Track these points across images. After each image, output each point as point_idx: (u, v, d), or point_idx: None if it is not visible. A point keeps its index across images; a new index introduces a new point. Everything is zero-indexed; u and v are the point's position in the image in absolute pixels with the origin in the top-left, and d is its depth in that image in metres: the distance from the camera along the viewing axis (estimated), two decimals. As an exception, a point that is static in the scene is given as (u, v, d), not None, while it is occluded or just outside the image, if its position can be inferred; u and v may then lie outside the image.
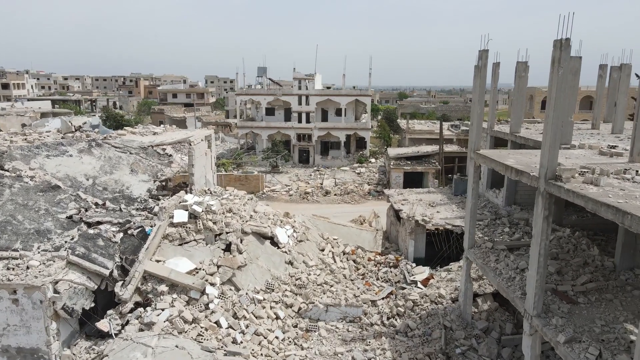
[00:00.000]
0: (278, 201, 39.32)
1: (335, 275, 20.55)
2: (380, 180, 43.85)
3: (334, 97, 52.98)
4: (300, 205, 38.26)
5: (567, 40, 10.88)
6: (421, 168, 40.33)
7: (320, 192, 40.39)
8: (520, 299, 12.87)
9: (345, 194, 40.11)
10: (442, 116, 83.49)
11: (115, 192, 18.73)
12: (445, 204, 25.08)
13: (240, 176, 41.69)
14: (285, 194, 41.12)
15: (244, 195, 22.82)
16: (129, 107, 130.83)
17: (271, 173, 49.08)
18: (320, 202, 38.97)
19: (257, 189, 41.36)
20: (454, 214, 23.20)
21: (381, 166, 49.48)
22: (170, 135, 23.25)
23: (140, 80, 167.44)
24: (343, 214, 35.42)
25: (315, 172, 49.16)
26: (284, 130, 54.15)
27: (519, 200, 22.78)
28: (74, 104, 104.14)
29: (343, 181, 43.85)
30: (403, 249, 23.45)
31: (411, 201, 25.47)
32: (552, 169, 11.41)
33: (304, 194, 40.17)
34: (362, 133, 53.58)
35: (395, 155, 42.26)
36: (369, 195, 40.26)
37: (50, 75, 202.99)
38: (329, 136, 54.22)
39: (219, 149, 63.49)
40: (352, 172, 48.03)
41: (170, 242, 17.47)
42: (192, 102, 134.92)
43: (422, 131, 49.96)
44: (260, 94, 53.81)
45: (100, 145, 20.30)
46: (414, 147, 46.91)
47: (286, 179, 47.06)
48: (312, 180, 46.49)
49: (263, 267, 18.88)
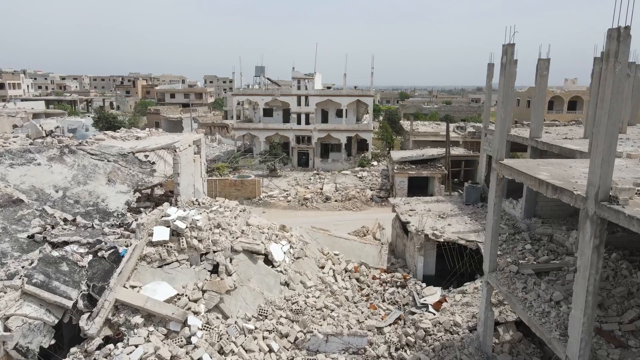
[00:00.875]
0: (275, 208, 37.19)
1: (337, 297, 18.40)
2: (383, 185, 41.69)
3: (334, 98, 50.85)
4: (298, 212, 36.13)
5: (626, 29, 8.73)
6: (427, 172, 38.18)
7: (320, 198, 38.24)
8: (560, 341, 10.72)
9: (347, 200, 37.96)
10: (446, 117, 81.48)
11: (88, 205, 16.59)
12: (456, 214, 22.92)
13: (236, 181, 39.55)
14: (283, 199, 38.98)
15: (235, 207, 20.68)
16: (126, 107, 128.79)
17: (269, 177, 46.95)
18: (320, 208, 36.82)
19: (253, 195, 39.25)
20: (467, 227, 21.04)
21: (384, 170, 47.33)
22: (155, 140, 21.11)
23: (137, 80, 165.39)
24: (344, 222, 33.29)
25: (315, 176, 47.01)
26: (283, 132, 52.01)
27: (540, 212, 20.63)
28: (68, 105, 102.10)
29: (344, 186, 41.69)
30: (411, 265, 21.30)
31: (419, 212, 23.33)
32: (606, 188, 9.25)
33: (303, 200, 38.02)
34: (364, 135, 51.44)
35: (399, 159, 40.11)
36: (371, 202, 38.11)
37: (48, 75, 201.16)
38: (329, 138, 52.09)
39: (215, 151, 61.41)
40: (354, 176, 45.88)
41: (149, 263, 15.32)
42: (190, 102, 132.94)
43: (427, 133, 47.82)
44: (257, 94, 51.67)
45: (74, 152, 18.15)
46: (419, 150, 44.77)
47: (284, 183, 44.91)
48: (311, 184, 44.35)
49: (255, 290, 16.74)
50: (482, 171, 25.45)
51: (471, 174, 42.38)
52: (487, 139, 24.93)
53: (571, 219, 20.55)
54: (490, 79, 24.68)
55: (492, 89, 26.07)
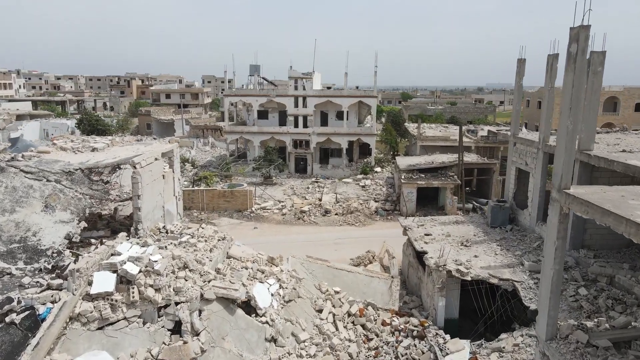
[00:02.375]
0: (269, 222, 33.23)
1: (338, 355, 14.44)
2: (389, 195, 37.72)
3: (334, 99, 46.89)
4: (294, 227, 32.15)
5: None
6: (438, 183, 34.20)
7: (319, 211, 34.26)
8: None
9: (348, 213, 33.98)
10: (451, 118, 77.57)
11: (13, 241, 12.66)
12: (482, 241, 18.95)
13: (225, 192, 35.59)
14: (278, 212, 35.01)
15: (213, 235, 16.73)
16: (120, 108, 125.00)
17: (263, 185, 43.01)
18: (319, 223, 32.85)
19: (245, 207, 35.29)
20: (497, 259, 17.08)
21: (389, 177, 43.37)
22: (114, 153, 17.17)
23: (132, 80, 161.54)
24: (346, 241, 29.36)
25: (313, 185, 43.07)
26: (279, 135, 48.07)
27: (590, 242, 16.71)
28: (58, 105, 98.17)
29: (345, 196, 37.73)
30: (429, 306, 17.33)
31: (436, 236, 19.39)
32: None
33: (300, 213, 34.05)
34: (367, 139, 47.47)
35: (406, 167, 36.13)
36: (376, 215, 34.14)
37: (42, 75, 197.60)
38: (329, 142, 48.14)
39: (207, 156, 57.48)
40: (356, 184, 41.93)
41: (84, 325, 11.38)
42: (186, 102, 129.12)
43: (436, 137, 43.84)
44: (251, 95, 47.70)
45: (3, 170, 14.20)
46: (427, 157, 40.79)
47: (280, 192, 40.96)
48: (309, 194, 40.40)
49: (232, 353, 12.80)
50: (510, 187, 21.51)
51: (485, 184, 38.39)
52: (517, 150, 20.97)
53: (627, 250, 16.61)
54: (520, 77, 20.74)
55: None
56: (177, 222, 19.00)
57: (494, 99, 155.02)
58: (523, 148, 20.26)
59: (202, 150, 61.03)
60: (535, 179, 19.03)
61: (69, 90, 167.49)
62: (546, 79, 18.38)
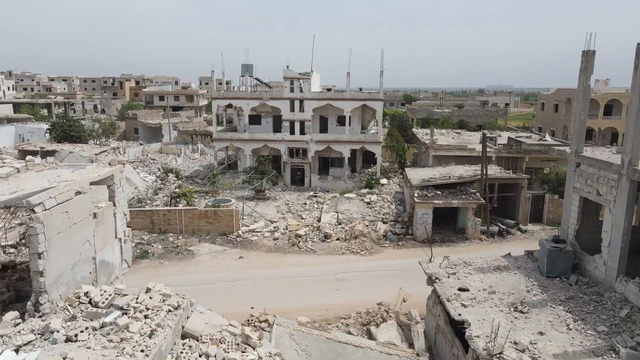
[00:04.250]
0: (258, 249, 27.93)
1: None
2: (399, 215, 32.44)
3: (335, 102, 41.66)
4: (287, 256, 26.86)
5: None
6: (457, 202, 28.93)
7: (317, 236, 28.97)
8: None
9: (352, 237, 28.71)
10: (460, 122, 72.38)
11: None
12: (542, 303, 13.64)
13: (208, 211, 30.30)
14: (269, 236, 29.74)
15: (159, 306, 11.42)
16: (112, 110, 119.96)
17: (255, 200, 37.77)
18: (317, 251, 27.56)
19: (230, 229, 30.04)
20: (574, 339, 11.78)
21: (397, 192, 38.08)
22: (20, 183, 11.87)
23: (125, 81, 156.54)
24: (350, 275, 24.06)
25: (311, 200, 37.82)
26: (273, 143, 42.84)
27: None
28: (43, 108, 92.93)
29: (348, 216, 32.46)
30: (473, 404, 12.00)
31: (476, 294, 14.13)
32: None
33: (295, 238, 28.78)
34: (371, 147, 42.21)
35: (419, 183, 30.86)
36: (385, 240, 28.86)
37: (35, 76, 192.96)
38: (329, 151, 42.92)
39: (195, 164, 52.23)
40: (360, 200, 36.65)
41: None
42: (180, 105, 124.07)
43: (451, 146, 38.58)
44: (241, 98, 42.45)
45: None
46: (442, 169, 35.53)
47: (273, 209, 35.70)
48: (306, 211, 35.15)
49: None
50: (572, 222, 16.20)
51: (511, 202, 33.04)
52: (583, 173, 15.66)
53: None
54: (587, 75, 15.50)
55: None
56: (119, 277, 13.69)
57: (498, 101, 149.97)
58: (593, 172, 14.97)
59: (190, 158, 55.77)
60: (615, 215, 13.76)
61: (60, 92, 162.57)
62: (635, 76, 13.06)
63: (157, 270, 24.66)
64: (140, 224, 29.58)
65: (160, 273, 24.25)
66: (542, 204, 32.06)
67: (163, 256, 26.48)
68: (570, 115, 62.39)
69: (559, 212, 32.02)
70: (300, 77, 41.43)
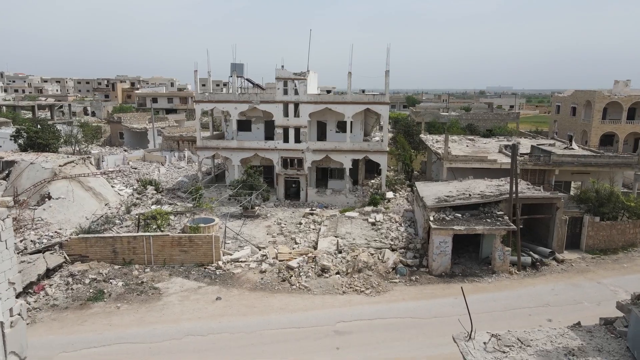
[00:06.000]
0: (240, 287, 22.92)
1: None
2: (410, 240, 27.43)
3: (335, 106, 36.69)
4: (276, 297, 21.82)
5: None
6: (482, 228, 23.91)
7: (313, 269, 23.95)
8: None
9: (355, 271, 23.70)
10: (468, 126, 67.44)
11: None
12: None
13: (182, 238, 25.29)
14: (255, 267, 24.75)
15: None
16: (102, 113, 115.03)
17: (242, 218, 32.85)
18: (313, 289, 22.53)
19: (208, 259, 25.06)
20: None
21: (407, 210, 33.06)
22: None
23: (117, 82, 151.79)
24: (354, 326, 19.06)
25: (307, 219, 32.87)
26: (264, 152, 37.87)
27: None
28: (27, 111, 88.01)
29: (350, 241, 27.46)
30: None
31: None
32: None
33: (286, 271, 23.79)
34: (376, 157, 37.22)
35: (435, 204, 25.86)
36: (395, 274, 23.84)
37: (27, 77, 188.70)
38: (328, 161, 37.94)
39: (180, 174, 47.26)
40: (363, 220, 31.65)
41: None
42: (174, 107, 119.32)
43: (468, 157, 33.56)
44: (228, 101, 37.45)
45: None
46: (458, 183, 30.58)
47: (262, 230, 30.76)
48: (301, 232, 30.23)
49: None
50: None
51: (540, 225, 28.03)
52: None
53: None
54: None
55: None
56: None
57: (503, 103, 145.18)
58: None
59: (175, 167, 50.80)
60: None
61: (52, 94, 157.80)
62: None
63: (111, 318, 19.63)
64: (100, 254, 24.60)
65: (114, 323, 19.24)
66: (579, 227, 27.06)
67: (122, 297, 21.46)
68: (590, 119, 57.47)
69: (601, 237, 27.07)
70: (295, 77, 36.47)
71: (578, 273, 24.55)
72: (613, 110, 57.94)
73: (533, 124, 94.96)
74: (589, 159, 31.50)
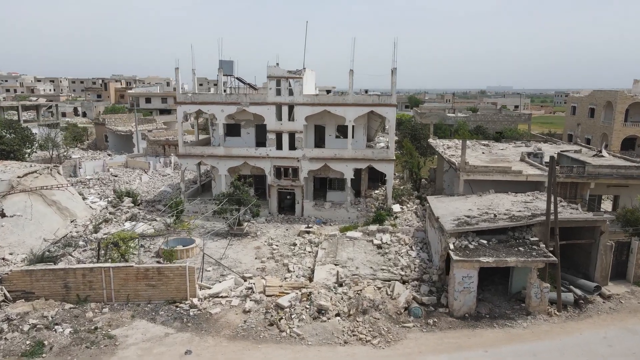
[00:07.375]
0: (216, 333, 18.52)
1: None
2: (424, 269, 23.02)
3: (334, 108, 32.29)
4: (259, 351, 17.40)
5: None
6: (515, 260, 19.48)
7: (307, 311, 19.54)
8: None
9: (360, 312, 19.32)
10: (477, 128, 63.07)
11: None
12: None
13: (149, 270, 20.86)
14: (237, 305, 20.36)
15: None
16: (94, 113, 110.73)
17: (228, 237, 28.52)
18: (306, 337, 18.14)
19: (181, 295, 20.68)
20: None
21: (418, 230, 28.66)
22: None
23: (110, 82, 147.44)
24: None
25: (302, 238, 28.57)
26: (255, 160, 33.50)
27: None
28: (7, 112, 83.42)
29: (352, 270, 23.07)
30: None
31: None
32: None
33: (275, 311, 19.42)
34: (381, 166, 32.85)
35: (454, 228, 21.45)
36: (408, 317, 19.43)
37: (19, 77, 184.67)
38: (327, 170, 33.57)
39: (164, 182, 42.92)
40: (367, 242, 27.25)
41: None
42: (168, 107, 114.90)
43: (488, 168, 29.13)
44: (214, 103, 33.04)
45: None
46: (477, 198, 26.23)
47: (250, 254, 26.44)
48: (295, 256, 25.92)
49: None
50: None
51: (578, 251, 23.56)
52: None
53: None
54: None
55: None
56: None
57: (507, 103, 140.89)
58: None
59: (160, 173, 46.44)
60: None
61: (45, 93, 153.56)
62: None
63: (45, 385, 15.26)
64: (49, 290, 20.22)
65: (48, 393, 14.87)
66: (626, 254, 22.66)
67: (66, 351, 17.04)
68: (611, 121, 53.08)
69: (653, 266, 22.68)
70: (290, 76, 32.10)
71: (631, 313, 20.15)
72: (635, 112, 53.61)
73: (544, 126, 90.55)
74: (631, 170, 27.09)
